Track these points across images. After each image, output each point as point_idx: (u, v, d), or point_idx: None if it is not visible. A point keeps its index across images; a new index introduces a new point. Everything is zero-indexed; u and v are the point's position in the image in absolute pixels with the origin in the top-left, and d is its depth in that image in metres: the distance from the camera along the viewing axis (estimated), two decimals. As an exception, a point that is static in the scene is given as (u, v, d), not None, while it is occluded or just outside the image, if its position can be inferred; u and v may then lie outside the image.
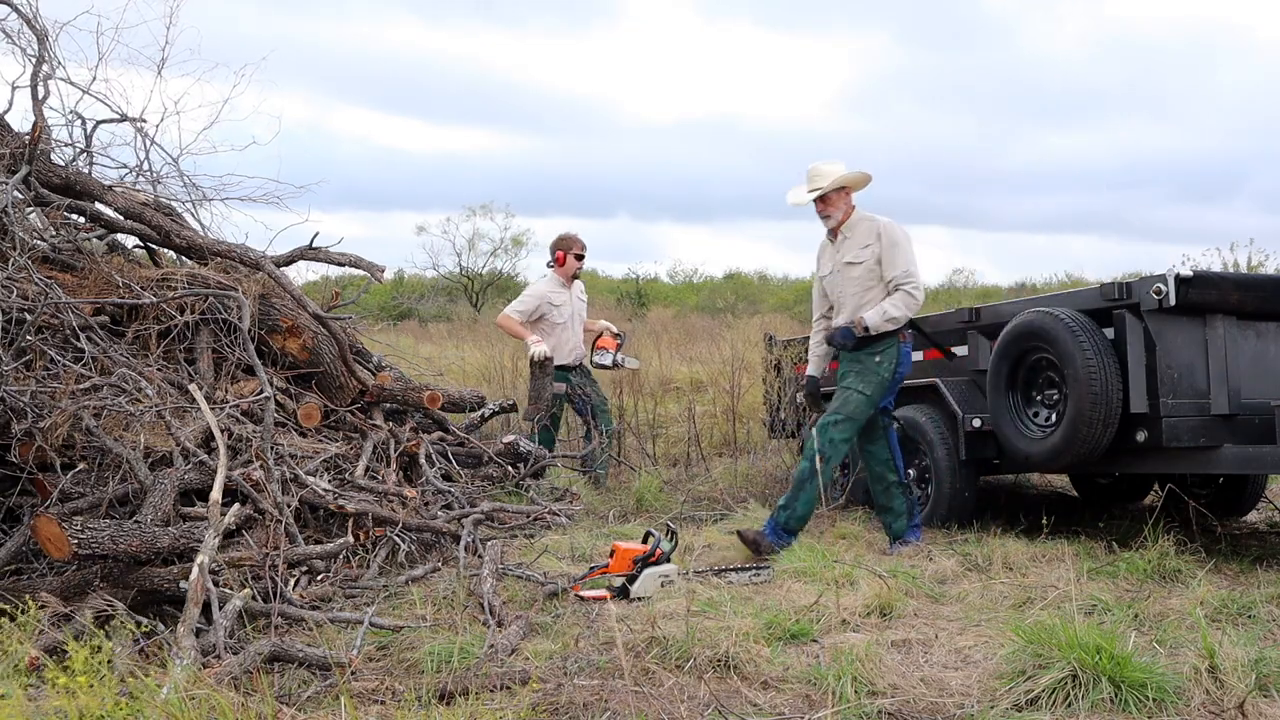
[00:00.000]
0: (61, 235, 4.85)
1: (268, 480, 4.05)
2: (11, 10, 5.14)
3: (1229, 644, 2.97)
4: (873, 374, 4.75)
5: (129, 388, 3.98)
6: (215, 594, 3.14)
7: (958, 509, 5.21)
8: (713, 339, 11.79)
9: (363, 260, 5.63)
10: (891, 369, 4.76)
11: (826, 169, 4.84)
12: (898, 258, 4.73)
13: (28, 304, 3.97)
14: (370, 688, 2.77)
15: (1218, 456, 4.35)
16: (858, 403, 4.73)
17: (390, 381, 5.53)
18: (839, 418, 4.73)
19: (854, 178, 4.87)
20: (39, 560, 3.50)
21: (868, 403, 4.75)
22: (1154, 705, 2.65)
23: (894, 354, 4.77)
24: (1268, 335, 4.56)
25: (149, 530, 3.33)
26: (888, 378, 4.76)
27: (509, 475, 5.80)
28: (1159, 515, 4.46)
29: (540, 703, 2.70)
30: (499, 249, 27.03)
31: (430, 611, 3.54)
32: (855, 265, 4.83)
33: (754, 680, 2.92)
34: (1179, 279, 4.29)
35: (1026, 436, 4.77)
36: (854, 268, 4.83)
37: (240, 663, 2.76)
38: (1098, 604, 3.66)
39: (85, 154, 5.49)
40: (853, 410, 4.73)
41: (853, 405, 4.74)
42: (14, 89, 5.16)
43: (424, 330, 16.12)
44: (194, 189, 5.78)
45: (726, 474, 6.76)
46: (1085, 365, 4.36)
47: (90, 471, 3.84)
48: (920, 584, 4.03)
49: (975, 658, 3.13)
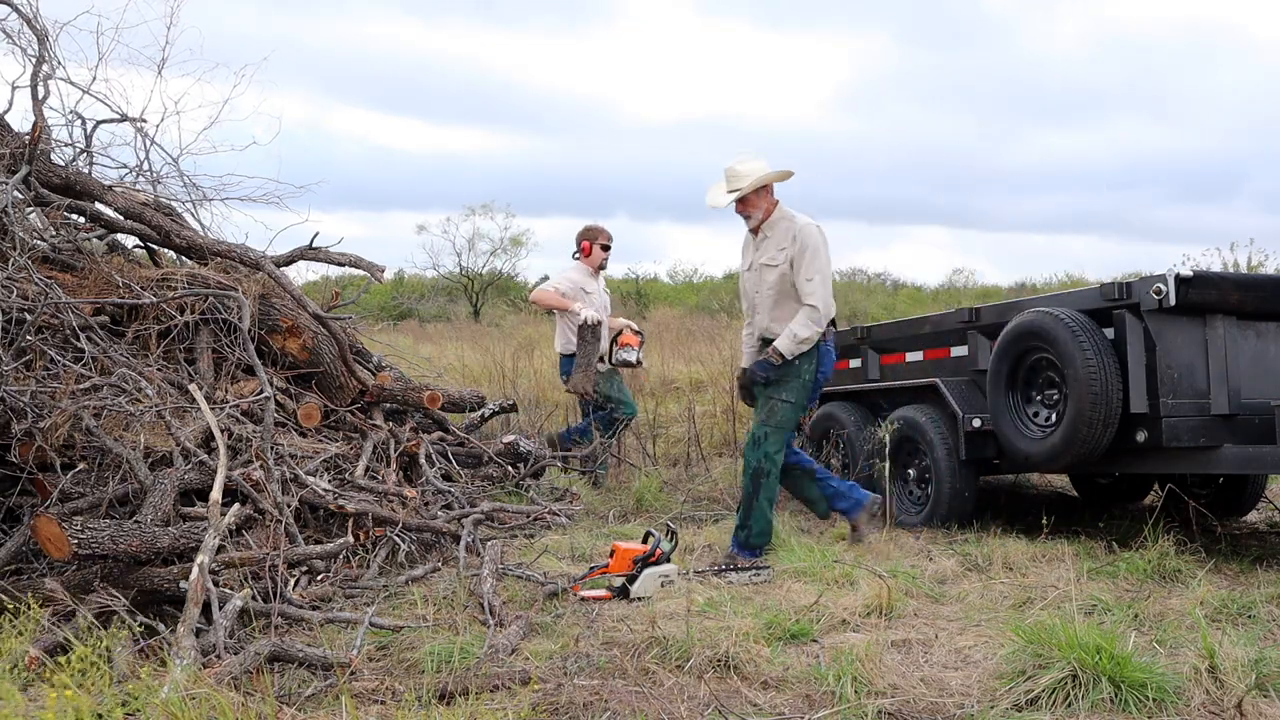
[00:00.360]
0: (61, 235, 4.85)
1: (268, 480, 4.05)
2: (11, 10, 5.14)
3: (1229, 644, 2.97)
4: (795, 379, 4.67)
5: (129, 388, 3.98)
6: (215, 594, 3.14)
7: (958, 509, 5.21)
8: (712, 339, 11.78)
9: (363, 260, 5.63)
10: (813, 372, 4.69)
11: (744, 169, 4.69)
12: (807, 265, 4.60)
13: (28, 304, 3.97)
14: (370, 688, 2.77)
15: (1218, 456, 4.35)
16: (784, 411, 4.69)
17: (390, 381, 5.53)
18: (768, 430, 4.69)
19: (773, 176, 4.73)
20: (39, 560, 3.50)
21: (794, 409, 4.71)
22: (1154, 705, 2.65)
23: (813, 356, 4.68)
24: (1268, 335, 4.56)
25: (149, 530, 3.33)
26: (809, 380, 4.69)
27: (509, 475, 5.80)
28: (1159, 515, 4.47)
29: (540, 703, 2.70)
30: (499, 249, 27.05)
31: (430, 611, 3.54)
32: (770, 269, 4.72)
33: (754, 680, 2.92)
34: (1179, 279, 4.29)
35: (1026, 436, 4.77)
36: (769, 271, 4.73)
37: (240, 663, 2.76)
38: (1098, 604, 3.66)
39: (85, 154, 5.49)
40: (780, 420, 4.69)
41: (779, 415, 4.69)
42: (14, 89, 5.17)
43: (424, 330, 16.11)
44: (194, 189, 5.78)
45: (726, 474, 6.76)
46: (1085, 365, 4.36)
47: (90, 471, 3.84)
48: (920, 584, 4.03)
49: (975, 658, 3.13)
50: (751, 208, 4.74)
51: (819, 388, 4.81)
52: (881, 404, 5.94)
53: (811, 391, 4.75)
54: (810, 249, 4.61)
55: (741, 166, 4.70)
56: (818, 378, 4.73)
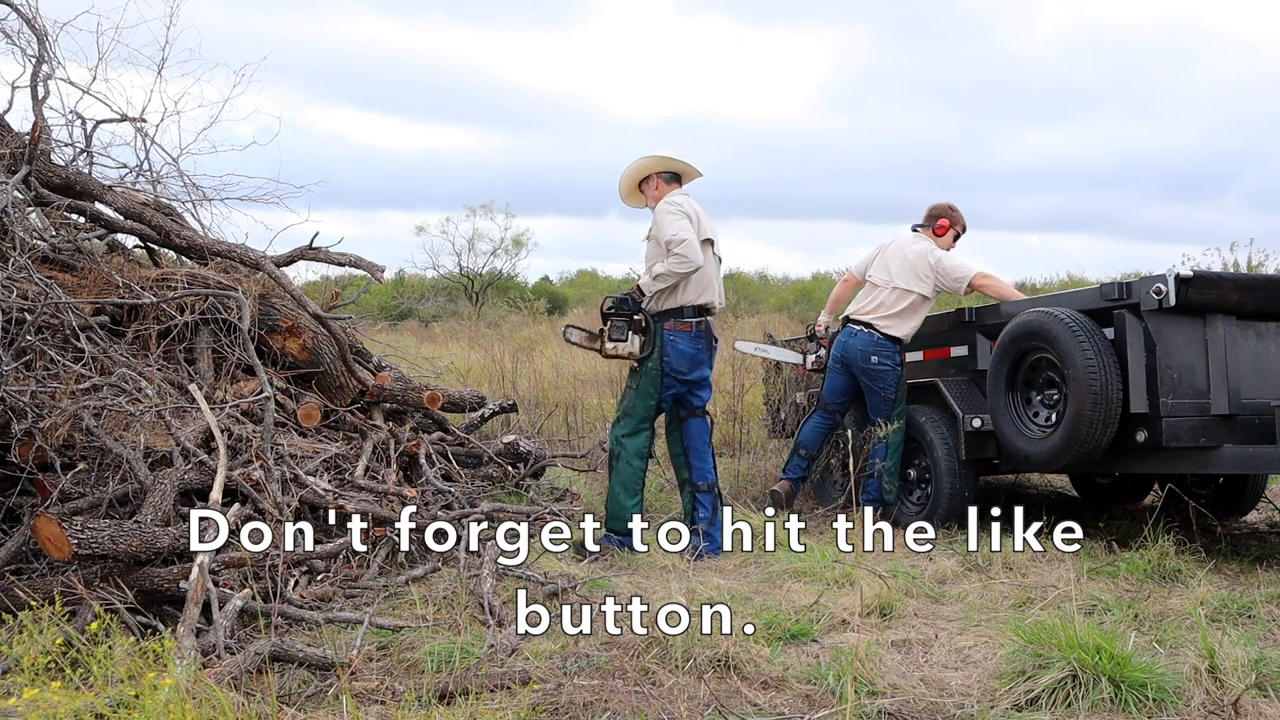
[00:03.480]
0: (61, 235, 4.85)
1: (268, 480, 4.05)
2: (11, 10, 5.14)
3: (1229, 644, 2.97)
4: (643, 367, 4.76)
5: (129, 388, 3.98)
6: (215, 594, 3.14)
7: (958, 509, 5.21)
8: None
9: (363, 260, 5.63)
10: (658, 362, 4.72)
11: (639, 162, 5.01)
12: (664, 227, 4.70)
13: (28, 304, 3.96)
14: (370, 688, 2.77)
15: (1218, 456, 4.35)
16: (632, 398, 4.81)
17: (390, 381, 5.53)
18: (619, 415, 4.88)
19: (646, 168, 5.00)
20: (39, 560, 3.50)
21: (640, 395, 4.77)
22: (1154, 705, 2.66)
23: (658, 343, 4.73)
24: (1268, 335, 4.56)
25: (149, 530, 3.33)
26: (656, 370, 4.73)
27: (509, 475, 5.80)
28: (1159, 515, 4.47)
29: (540, 703, 2.70)
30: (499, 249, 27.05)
31: (430, 611, 3.54)
32: (646, 241, 4.96)
33: (754, 680, 2.92)
34: (1179, 279, 4.29)
35: (1026, 436, 4.77)
36: (646, 244, 4.96)
37: (240, 663, 2.76)
38: (1098, 604, 3.66)
39: (85, 154, 5.49)
40: (629, 406, 4.81)
41: (628, 401, 4.83)
42: (14, 89, 5.17)
43: (424, 330, 16.11)
44: (194, 189, 5.79)
45: (727, 474, 6.75)
46: (1085, 365, 4.36)
47: (90, 471, 3.84)
48: (920, 584, 4.03)
49: (975, 658, 3.13)
50: (648, 199, 5.05)
51: (672, 378, 4.75)
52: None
53: (661, 382, 4.74)
54: (662, 215, 4.77)
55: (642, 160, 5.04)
56: (664, 366, 4.72)
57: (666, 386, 4.76)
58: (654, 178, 4.99)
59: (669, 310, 4.73)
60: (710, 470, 4.90)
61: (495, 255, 27.09)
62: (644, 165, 4.99)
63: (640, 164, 5.00)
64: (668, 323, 4.72)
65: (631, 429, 4.79)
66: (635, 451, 4.77)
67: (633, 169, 5.02)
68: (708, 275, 4.78)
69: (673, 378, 4.74)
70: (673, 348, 4.72)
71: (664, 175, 4.99)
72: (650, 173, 4.99)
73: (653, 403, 4.77)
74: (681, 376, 4.75)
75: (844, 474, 5.98)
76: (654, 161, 4.99)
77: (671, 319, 4.72)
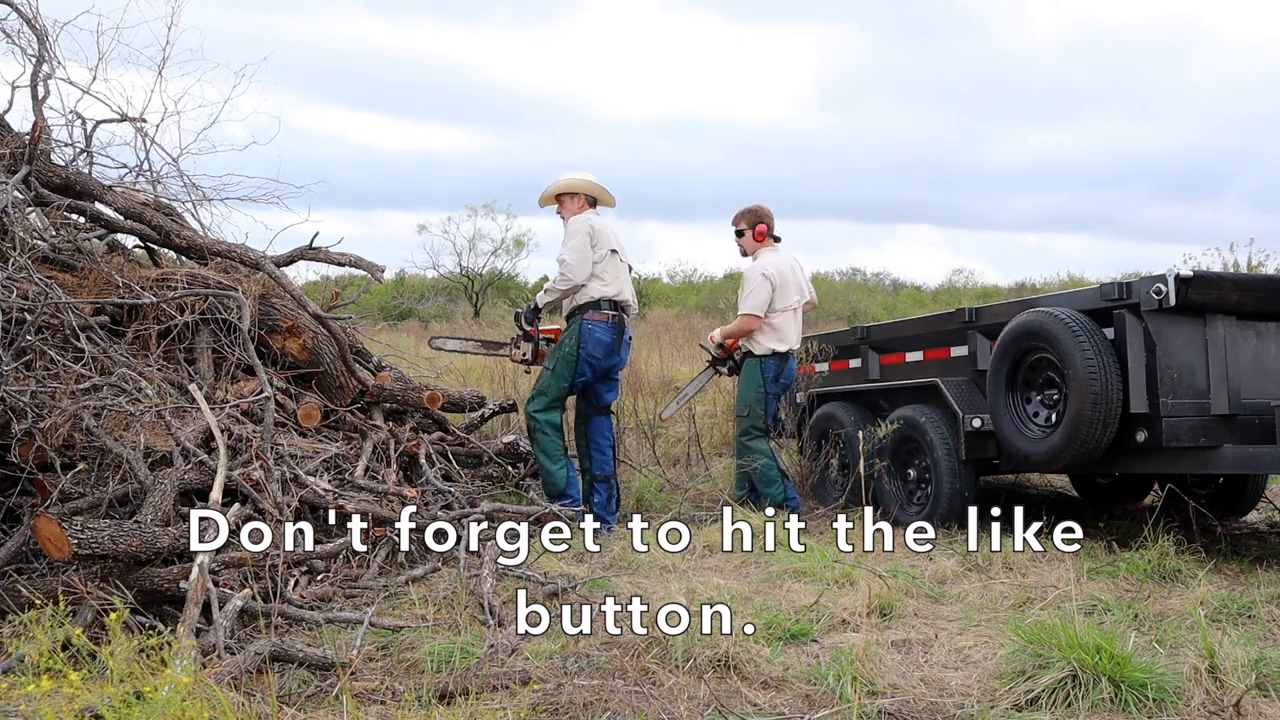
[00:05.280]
0: (61, 235, 4.85)
1: (268, 480, 4.05)
2: (11, 10, 5.14)
3: (1229, 644, 2.97)
4: (559, 351, 5.25)
5: (129, 388, 3.98)
6: (215, 594, 3.14)
7: (958, 509, 5.21)
8: (713, 339, 11.76)
9: (363, 260, 5.63)
10: (574, 347, 5.18)
11: (569, 175, 5.49)
12: (563, 245, 5.27)
13: (28, 304, 3.96)
14: (370, 688, 2.77)
15: (1218, 456, 4.35)
16: (546, 379, 5.25)
17: (390, 381, 5.53)
18: (533, 393, 5.32)
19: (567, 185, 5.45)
20: (39, 560, 3.50)
21: (554, 377, 5.21)
22: (1154, 705, 2.65)
23: (575, 333, 5.20)
24: (1268, 335, 4.56)
25: (149, 530, 3.33)
26: (571, 355, 5.19)
27: (509, 475, 5.80)
28: (1159, 515, 4.47)
29: (540, 703, 2.70)
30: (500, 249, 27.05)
31: (430, 611, 3.54)
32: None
33: (754, 680, 2.92)
34: (1179, 279, 4.29)
35: (1026, 436, 4.77)
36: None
37: (240, 663, 2.76)
38: (1098, 604, 3.66)
39: (85, 154, 5.49)
40: (543, 386, 5.25)
41: (543, 381, 5.27)
42: (14, 89, 5.17)
43: (424, 330, 16.10)
44: (194, 189, 5.79)
45: (727, 473, 6.75)
46: (1085, 365, 4.36)
47: (90, 471, 3.84)
48: (920, 584, 4.03)
49: (975, 658, 3.13)
50: (564, 210, 5.52)
51: (587, 364, 5.20)
52: (881, 404, 5.94)
53: (575, 367, 5.19)
54: (566, 234, 5.32)
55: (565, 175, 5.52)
56: (580, 353, 5.18)
57: (580, 373, 5.20)
58: (580, 196, 5.47)
59: (587, 303, 5.20)
60: (609, 463, 5.42)
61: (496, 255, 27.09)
62: (571, 184, 5.47)
63: (569, 181, 5.47)
64: (587, 314, 5.20)
65: (543, 406, 5.22)
66: (548, 422, 5.22)
67: (562, 184, 5.47)
68: (620, 278, 5.28)
69: (588, 363, 5.20)
70: (590, 335, 5.19)
71: (586, 197, 5.48)
72: (575, 191, 5.47)
73: (566, 385, 5.23)
74: (597, 362, 5.22)
75: (844, 474, 5.98)
76: (583, 184, 5.48)
77: (590, 310, 5.20)
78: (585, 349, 5.17)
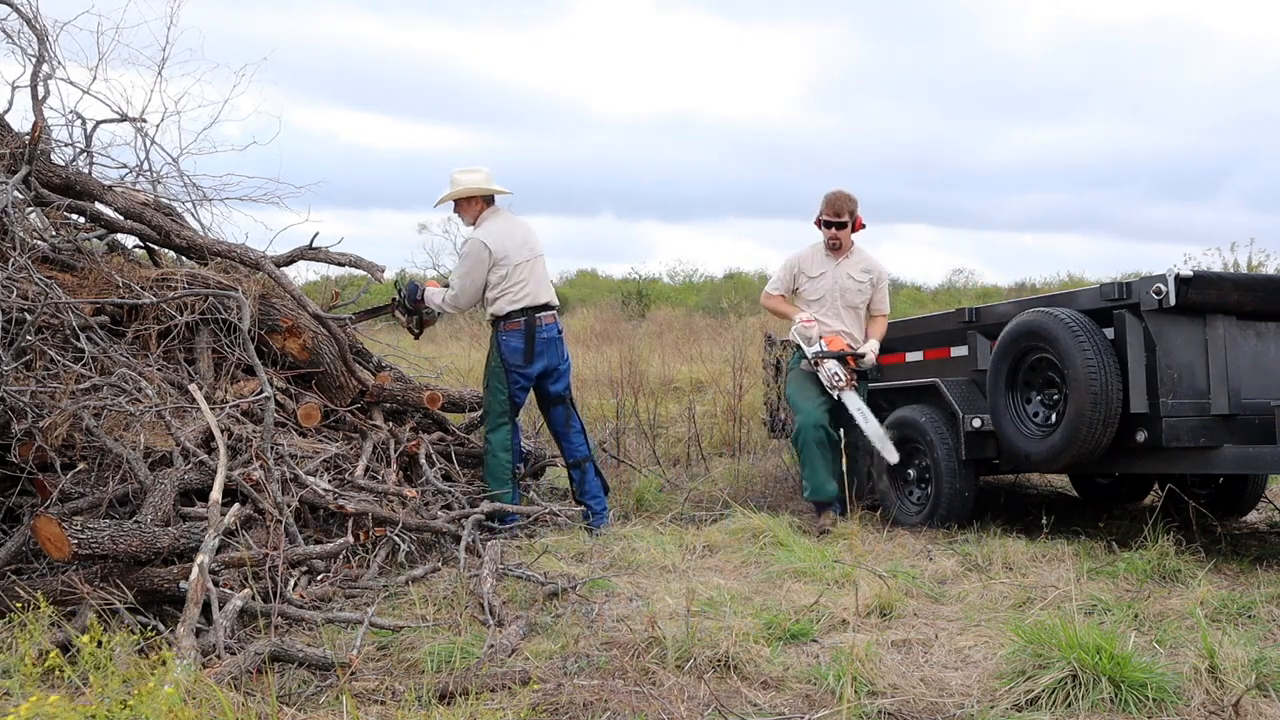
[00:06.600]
0: (61, 235, 4.85)
1: (268, 480, 4.05)
2: (11, 10, 5.13)
3: (1229, 644, 2.97)
4: (488, 366, 5.35)
5: (129, 388, 3.98)
6: (215, 594, 3.14)
7: (958, 509, 5.21)
8: (713, 338, 11.78)
9: (363, 260, 5.63)
10: (497, 360, 5.26)
11: (460, 178, 5.31)
12: (458, 265, 5.35)
13: (28, 304, 3.96)
14: (370, 688, 2.77)
15: (1218, 456, 4.35)
16: (488, 397, 5.33)
17: (390, 381, 5.53)
18: (483, 411, 5.44)
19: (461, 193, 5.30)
20: (39, 560, 3.50)
21: (491, 393, 5.29)
22: (1154, 705, 2.65)
23: (494, 345, 5.28)
24: (1268, 335, 4.56)
25: (149, 530, 3.33)
26: (497, 367, 5.26)
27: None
28: (1159, 515, 4.47)
29: (540, 703, 2.70)
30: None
31: (430, 611, 3.54)
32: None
33: (754, 680, 2.92)
34: (1179, 279, 4.29)
35: (1026, 436, 4.77)
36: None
37: (240, 663, 2.76)
38: (1098, 604, 3.66)
39: (85, 154, 5.49)
40: (487, 404, 5.34)
41: (486, 400, 5.35)
42: (14, 89, 5.16)
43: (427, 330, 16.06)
44: (194, 189, 5.78)
45: (727, 474, 6.76)
46: (1085, 365, 4.36)
47: (90, 471, 3.84)
48: (920, 584, 4.03)
49: (975, 658, 3.13)
50: (464, 213, 5.41)
51: (514, 372, 5.23)
52: (881, 404, 5.94)
53: (503, 377, 5.23)
54: (461, 256, 5.33)
55: (459, 175, 5.35)
56: (502, 362, 5.23)
57: (512, 381, 5.25)
58: (477, 199, 5.34)
59: (498, 316, 5.23)
60: (579, 448, 5.43)
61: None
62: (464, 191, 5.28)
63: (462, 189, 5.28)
64: (499, 325, 5.24)
65: (493, 425, 5.29)
66: (499, 444, 5.26)
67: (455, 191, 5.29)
68: (529, 281, 5.21)
69: (515, 372, 5.24)
70: (505, 345, 5.24)
71: (483, 197, 5.36)
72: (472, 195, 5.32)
73: (504, 397, 5.25)
74: (520, 369, 5.24)
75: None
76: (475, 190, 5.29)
77: (502, 322, 5.24)
78: (506, 359, 5.24)
